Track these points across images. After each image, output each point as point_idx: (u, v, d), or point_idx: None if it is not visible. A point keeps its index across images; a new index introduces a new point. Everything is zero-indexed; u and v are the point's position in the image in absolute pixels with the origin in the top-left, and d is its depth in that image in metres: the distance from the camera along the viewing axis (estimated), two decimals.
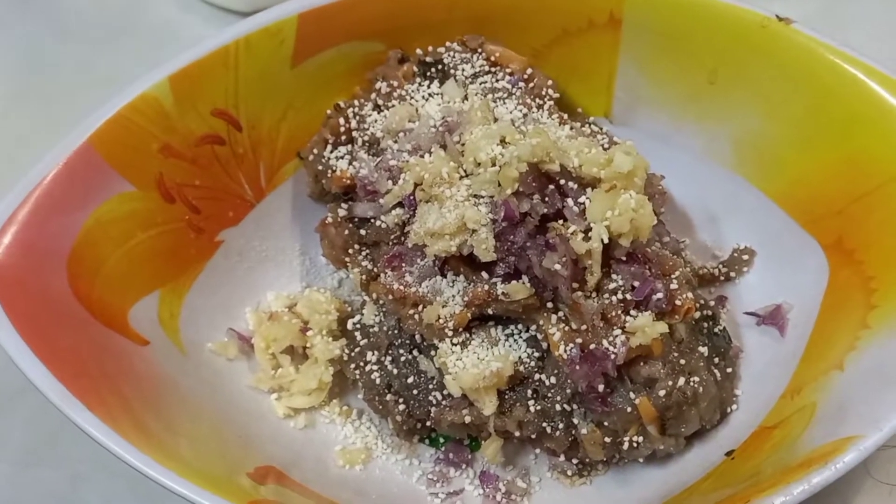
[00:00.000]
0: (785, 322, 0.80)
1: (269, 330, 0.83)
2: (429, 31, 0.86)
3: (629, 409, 0.72)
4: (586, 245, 0.70)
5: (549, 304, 0.73)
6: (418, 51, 0.86)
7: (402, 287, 0.74)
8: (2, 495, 0.81)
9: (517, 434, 0.75)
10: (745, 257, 0.85)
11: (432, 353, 0.75)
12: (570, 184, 0.72)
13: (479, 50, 0.86)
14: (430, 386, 0.76)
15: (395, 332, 0.78)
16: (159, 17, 1.12)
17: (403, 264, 0.75)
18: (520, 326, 0.75)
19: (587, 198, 0.71)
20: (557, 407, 0.74)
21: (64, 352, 0.69)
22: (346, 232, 0.80)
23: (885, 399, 0.66)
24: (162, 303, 0.80)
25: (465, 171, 0.74)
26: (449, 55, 0.85)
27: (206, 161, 0.82)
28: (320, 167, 0.82)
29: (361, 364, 0.79)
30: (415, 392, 0.76)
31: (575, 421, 0.74)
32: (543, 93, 0.84)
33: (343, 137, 0.83)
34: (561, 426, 0.74)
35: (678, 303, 0.73)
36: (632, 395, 0.72)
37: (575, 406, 0.74)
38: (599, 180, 0.71)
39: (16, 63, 1.09)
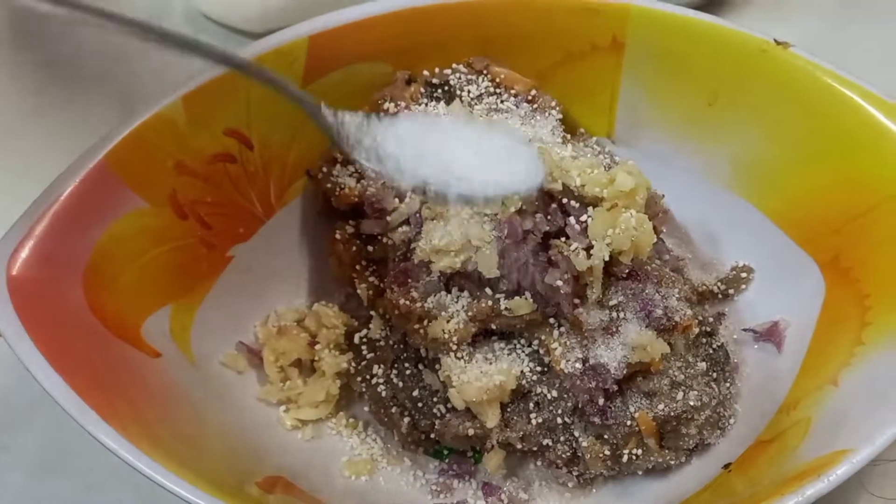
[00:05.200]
0: (782, 338, 0.82)
1: (277, 343, 0.84)
2: (435, 53, 0.87)
3: (629, 423, 0.74)
4: (588, 262, 0.71)
5: (552, 320, 0.75)
6: (425, 72, 0.87)
7: (407, 302, 0.75)
8: None
9: (519, 446, 0.76)
10: (744, 275, 0.86)
11: (437, 366, 0.76)
12: (573, 202, 0.73)
13: (485, 71, 0.87)
14: (435, 399, 0.77)
15: (401, 346, 0.79)
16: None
17: (409, 280, 0.76)
18: (522, 341, 0.76)
19: (589, 216, 0.73)
20: (558, 420, 0.75)
21: (79, 363, 0.70)
22: (354, 248, 0.81)
23: (878, 414, 0.67)
24: (174, 316, 0.81)
25: None
26: (455, 76, 0.87)
27: (219, 179, 0.83)
28: (329, 185, 0.84)
29: (368, 377, 0.80)
30: (419, 405, 0.78)
31: (576, 434, 0.75)
32: (547, 113, 0.86)
33: None
34: (562, 439, 0.76)
35: (678, 319, 0.74)
36: (631, 408, 0.74)
37: (576, 419, 0.75)
38: (601, 199, 0.73)
39: (30, 82, 1.11)
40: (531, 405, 0.76)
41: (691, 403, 0.74)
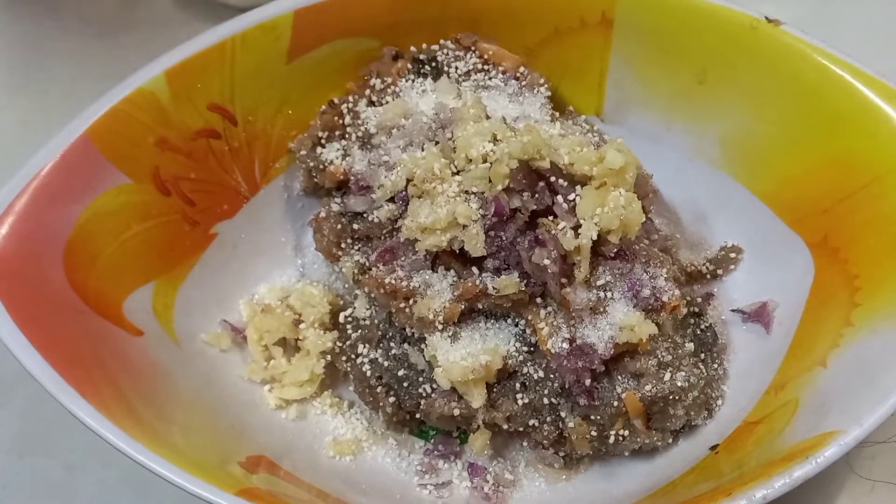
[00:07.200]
0: (770, 319, 0.81)
1: (262, 322, 0.84)
2: (423, 28, 0.87)
3: (615, 404, 0.73)
4: (575, 241, 0.70)
5: (538, 299, 0.74)
6: (412, 48, 0.86)
7: (393, 281, 0.74)
8: None
9: (505, 427, 0.76)
10: (733, 255, 0.86)
11: (423, 346, 0.76)
12: (561, 181, 0.73)
13: (473, 48, 0.87)
14: (420, 378, 0.77)
15: (387, 325, 0.79)
16: (156, 12, 1.12)
17: (395, 258, 0.76)
18: (509, 320, 0.76)
19: (577, 195, 0.72)
20: (545, 400, 0.75)
21: (60, 341, 0.70)
22: (339, 226, 0.81)
23: (867, 395, 0.66)
24: (156, 294, 0.81)
25: (456, 167, 0.74)
26: (442, 53, 0.86)
27: (202, 154, 0.83)
28: (314, 162, 0.83)
29: (353, 356, 0.80)
30: (405, 384, 0.77)
31: (562, 414, 0.75)
32: (535, 91, 0.85)
33: (337, 133, 0.84)
34: (548, 419, 0.75)
35: (666, 299, 0.74)
36: (618, 389, 0.73)
37: (562, 400, 0.75)
38: (590, 178, 0.72)
39: (14, 57, 1.10)
40: (517, 385, 0.75)
41: (679, 384, 0.74)
